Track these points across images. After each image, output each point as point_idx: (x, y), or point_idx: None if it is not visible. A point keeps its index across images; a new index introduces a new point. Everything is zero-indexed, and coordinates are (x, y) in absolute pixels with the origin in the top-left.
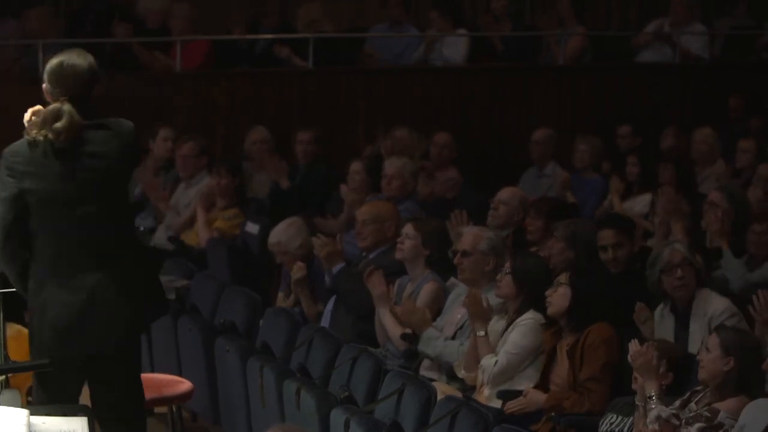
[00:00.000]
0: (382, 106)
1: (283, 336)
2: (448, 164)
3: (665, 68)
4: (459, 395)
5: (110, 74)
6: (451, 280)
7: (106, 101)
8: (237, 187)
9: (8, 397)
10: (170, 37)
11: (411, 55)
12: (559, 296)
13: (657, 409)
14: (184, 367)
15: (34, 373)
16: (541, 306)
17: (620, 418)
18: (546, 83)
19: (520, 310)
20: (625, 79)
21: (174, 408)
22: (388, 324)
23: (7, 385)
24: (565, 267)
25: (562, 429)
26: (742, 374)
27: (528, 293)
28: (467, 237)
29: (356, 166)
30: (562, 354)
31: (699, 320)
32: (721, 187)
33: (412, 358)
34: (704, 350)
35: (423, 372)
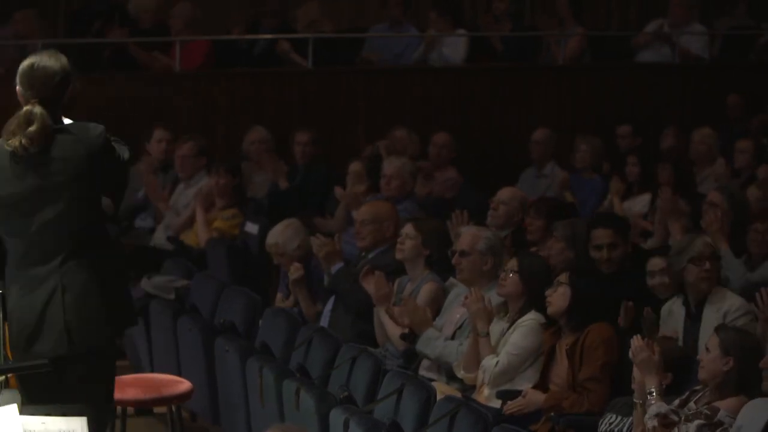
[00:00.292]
0: (382, 106)
1: (283, 336)
2: (447, 164)
3: (665, 68)
4: (458, 395)
5: (110, 74)
6: (451, 280)
7: (106, 101)
8: (236, 187)
9: (8, 397)
10: (170, 37)
11: (411, 55)
12: (559, 296)
13: (656, 405)
14: (184, 367)
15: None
16: (542, 306)
17: (620, 418)
18: (546, 83)
19: (523, 311)
20: (624, 79)
21: (173, 408)
22: (388, 324)
23: (6, 385)
24: (565, 267)
25: (561, 429)
26: (741, 374)
27: (531, 293)
28: (465, 237)
29: (356, 166)
30: (562, 354)
31: (713, 315)
32: (721, 187)
33: (411, 358)
34: (704, 350)
35: (422, 372)
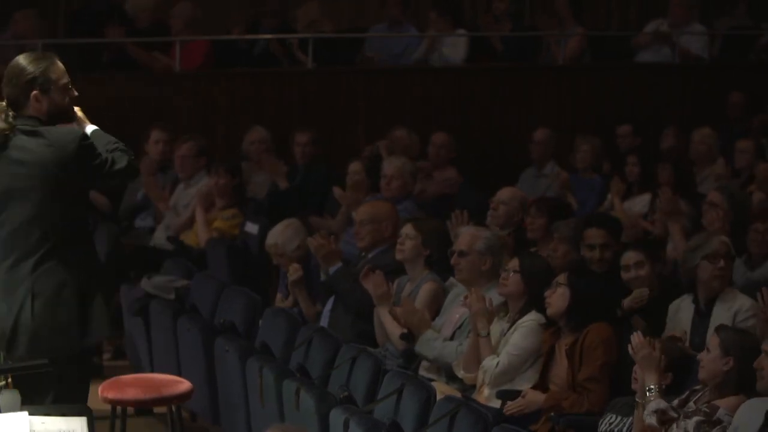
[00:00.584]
0: (382, 106)
1: (283, 336)
2: (447, 164)
3: (665, 68)
4: (458, 395)
5: (110, 74)
6: (451, 279)
7: (106, 101)
8: (236, 187)
9: (8, 397)
10: (169, 38)
11: (411, 55)
12: (558, 297)
13: (655, 402)
14: (184, 367)
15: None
16: (543, 306)
17: (620, 418)
18: (546, 83)
19: (523, 311)
20: (625, 79)
21: (173, 408)
22: (388, 324)
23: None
24: (567, 267)
25: (561, 429)
26: (741, 374)
27: (532, 293)
28: (464, 237)
29: (355, 166)
30: (561, 354)
31: (724, 314)
32: (721, 187)
33: (411, 358)
34: (704, 350)
35: (422, 372)
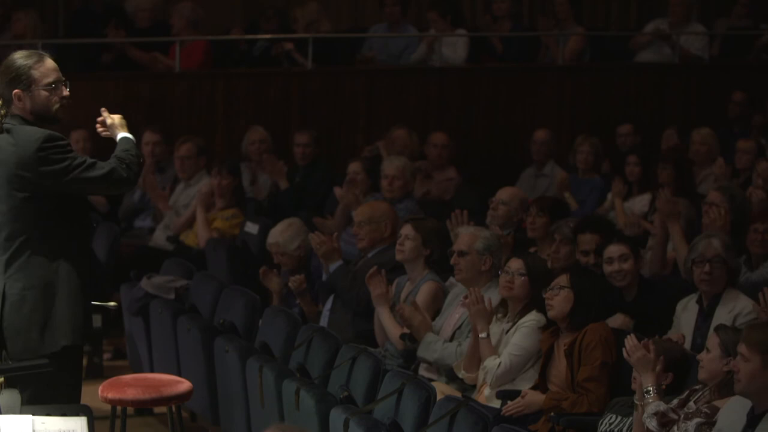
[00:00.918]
0: (382, 106)
1: (283, 336)
2: (446, 164)
3: (665, 68)
4: (458, 395)
5: (110, 74)
6: (451, 279)
7: (107, 101)
8: (236, 188)
9: (8, 397)
10: (169, 38)
11: (410, 55)
12: (562, 300)
13: (654, 404)
14: (184, 367)
15: None
16: (543, 307)
17: (619, 418)
18: (546, 83)
19: (524, 311)
20: (625, 79)
21: (173, 408)
22: (388, 324)
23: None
24: (569, 269)
25: (561, 429)
26: None
27: (533, 294)
28: (463, 237)
29: (355, 166)
30: (560, 353)
31: (725, 315)
32: (721, 187)
33: (411, 358)
34: (704, 350)
35: (422, 372)
